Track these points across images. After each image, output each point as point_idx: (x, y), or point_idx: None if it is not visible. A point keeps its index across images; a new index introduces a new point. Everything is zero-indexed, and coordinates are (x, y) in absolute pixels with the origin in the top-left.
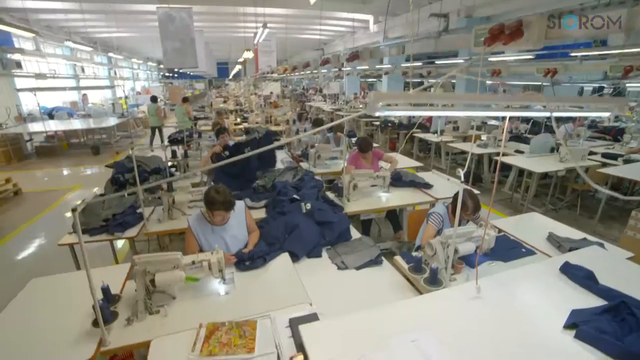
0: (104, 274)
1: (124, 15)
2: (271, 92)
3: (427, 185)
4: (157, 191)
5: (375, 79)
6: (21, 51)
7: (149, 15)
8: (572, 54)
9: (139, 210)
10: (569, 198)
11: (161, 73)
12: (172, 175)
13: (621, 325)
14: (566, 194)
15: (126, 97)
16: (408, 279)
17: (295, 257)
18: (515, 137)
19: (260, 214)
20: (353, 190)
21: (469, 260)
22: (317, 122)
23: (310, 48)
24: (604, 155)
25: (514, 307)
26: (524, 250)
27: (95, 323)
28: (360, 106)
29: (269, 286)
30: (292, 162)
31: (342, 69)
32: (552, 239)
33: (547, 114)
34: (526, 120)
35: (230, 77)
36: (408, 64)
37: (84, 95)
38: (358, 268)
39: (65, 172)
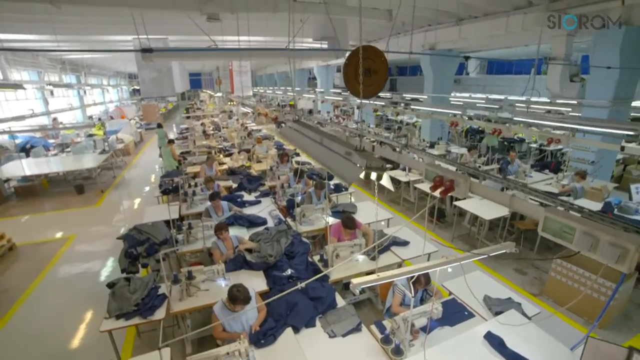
0: None
1: (99, 43)
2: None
3: (405, 243)
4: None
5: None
6: None
7: (124, 43)
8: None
9: (160, 292)
10: (514, 235)
11: (132, 87)
12: (177, 242)
13: None
14: (514, 227)
15: (102, 123)
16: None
17: (296, 329)
18: (474, 176)
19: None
20: (336, 258)
21: (424, 327)
22: (298, 173)
23: (284, 62)
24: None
25: None
26: (466, 313)
27: None
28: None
29: None
30: (279, 215)
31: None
32: (486, 301)
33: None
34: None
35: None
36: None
37: (54, 119)
38: (344, 335)
39: (53, 218)
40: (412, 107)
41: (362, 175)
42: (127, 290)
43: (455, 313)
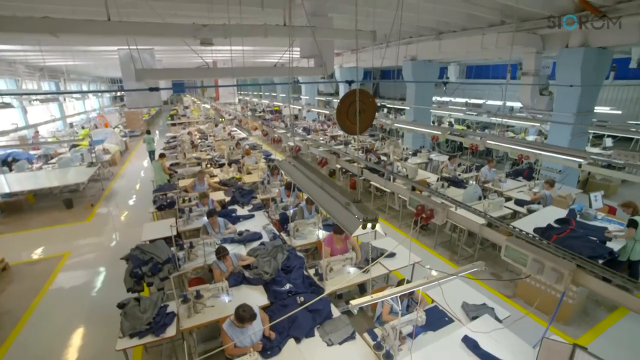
0: None
1: (82, 53)
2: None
3: (392, 254)
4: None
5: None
6: None
7: (109, 53)
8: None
9: (169, 310)
10: (490, 242)
11: (114, 94)
12: (178, 259)
13: None
14: None
15: (88, 137)
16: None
17: (297, 340)
18: (454, 183)
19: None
20: (330, 272)
21: (411, 333)
22: (288, 186)
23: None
24: (516, 202)
25: None
26: (447, 319)
27: None
28: (322, 139)
29: None
30: (273, 230)
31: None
32: (464, 307)
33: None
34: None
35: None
36: None
37: (36, 132)
38: (340, 343)
39: (44, 235)
40: (395, 124)
41: (360, 227)
42: (138, 310)
43: (437, 319)
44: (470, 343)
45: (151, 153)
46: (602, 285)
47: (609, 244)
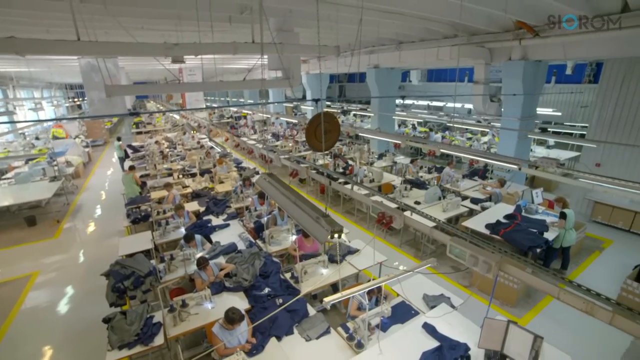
0: None
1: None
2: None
3: (356, 250)
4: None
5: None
6: None
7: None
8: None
9: (155, 320)
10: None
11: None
12: (159, 271)
13: (439, 357)
14: None
15: (50, 152)
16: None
17: (278, 338)
18: (416, 185)
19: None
20: (304, 274)
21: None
22: (261, 195)
23: (234, 73)
24: (472, 201)
25: (401, 355)
26: (413, 312)
27: None
28: (290, 144)
29: None
30: (249, 238)
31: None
32: (425, 298)
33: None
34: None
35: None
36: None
37: None
38: (317, 337)
39: (7, 255)
40: (360, 133)
41: (328, 237)
42: (125, 323)
43: (404, 313)
44: (429, 329)
45: (121, 159)
46: (518, 272)
47: (545, 235)
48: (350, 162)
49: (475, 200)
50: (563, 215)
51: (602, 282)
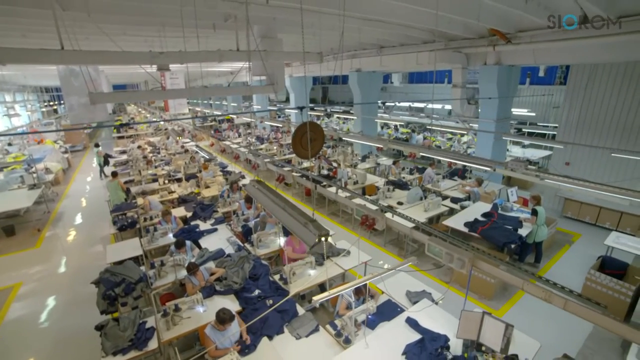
0: None
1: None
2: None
3: (343, 250)
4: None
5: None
6: None
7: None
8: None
9: (148, 325)
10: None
11: (46, 105)
12: (150, 277)
13: (422, 349)
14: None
15: (28, 158)
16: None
17: (270, 337)
18: (399, 185)
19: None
20: (293, 276)
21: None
22: (248, 199)
23: (217, 75)
24: (452, 200)
25: (386, 349)
26: (398, 309)
27: None
28: (275, 148)
29: None
30: (237, 241)
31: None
32: (407, 295)
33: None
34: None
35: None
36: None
37: None
38: (307, 335)
39: None
40: (344, 137)
41: (316, 239)
42: (118, 329)
43: (390, 311)
44: (412, 322)
45: (101, 167)
46: (488, 267)
47: (520, 231)
48: (334, 164)
49: (455, 200)
50: (534, 212)
51: (570, 273)
